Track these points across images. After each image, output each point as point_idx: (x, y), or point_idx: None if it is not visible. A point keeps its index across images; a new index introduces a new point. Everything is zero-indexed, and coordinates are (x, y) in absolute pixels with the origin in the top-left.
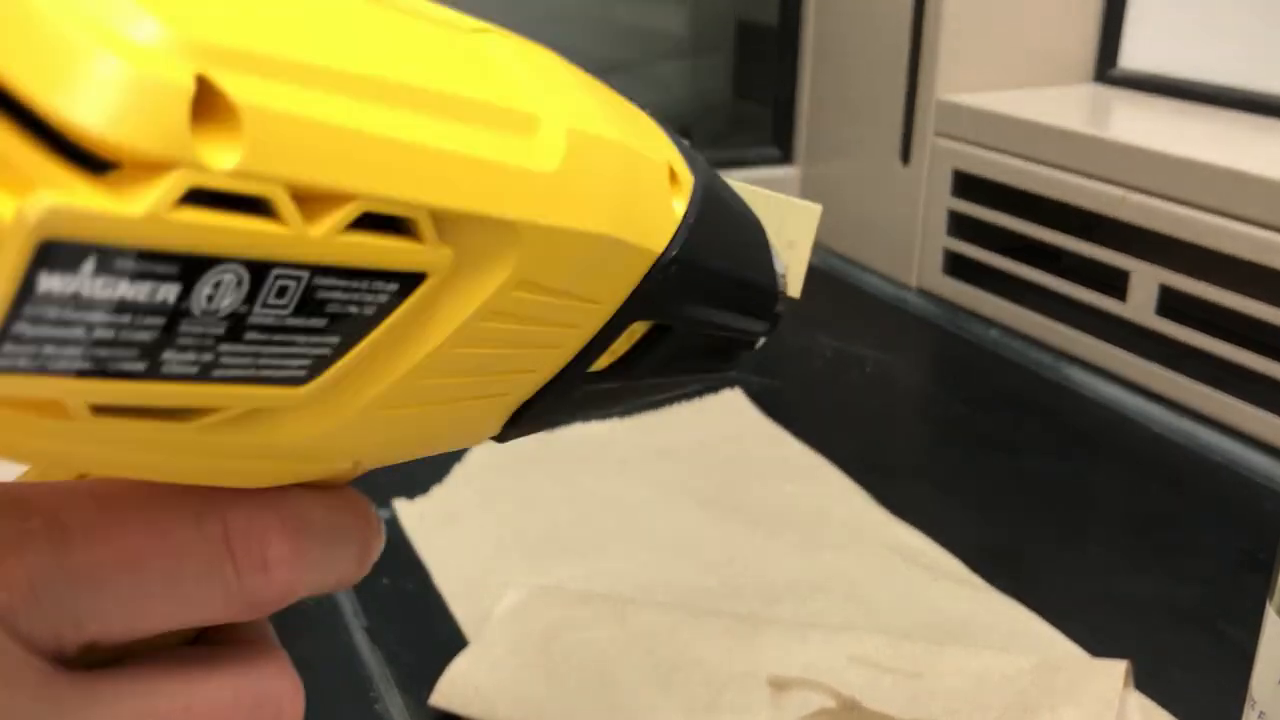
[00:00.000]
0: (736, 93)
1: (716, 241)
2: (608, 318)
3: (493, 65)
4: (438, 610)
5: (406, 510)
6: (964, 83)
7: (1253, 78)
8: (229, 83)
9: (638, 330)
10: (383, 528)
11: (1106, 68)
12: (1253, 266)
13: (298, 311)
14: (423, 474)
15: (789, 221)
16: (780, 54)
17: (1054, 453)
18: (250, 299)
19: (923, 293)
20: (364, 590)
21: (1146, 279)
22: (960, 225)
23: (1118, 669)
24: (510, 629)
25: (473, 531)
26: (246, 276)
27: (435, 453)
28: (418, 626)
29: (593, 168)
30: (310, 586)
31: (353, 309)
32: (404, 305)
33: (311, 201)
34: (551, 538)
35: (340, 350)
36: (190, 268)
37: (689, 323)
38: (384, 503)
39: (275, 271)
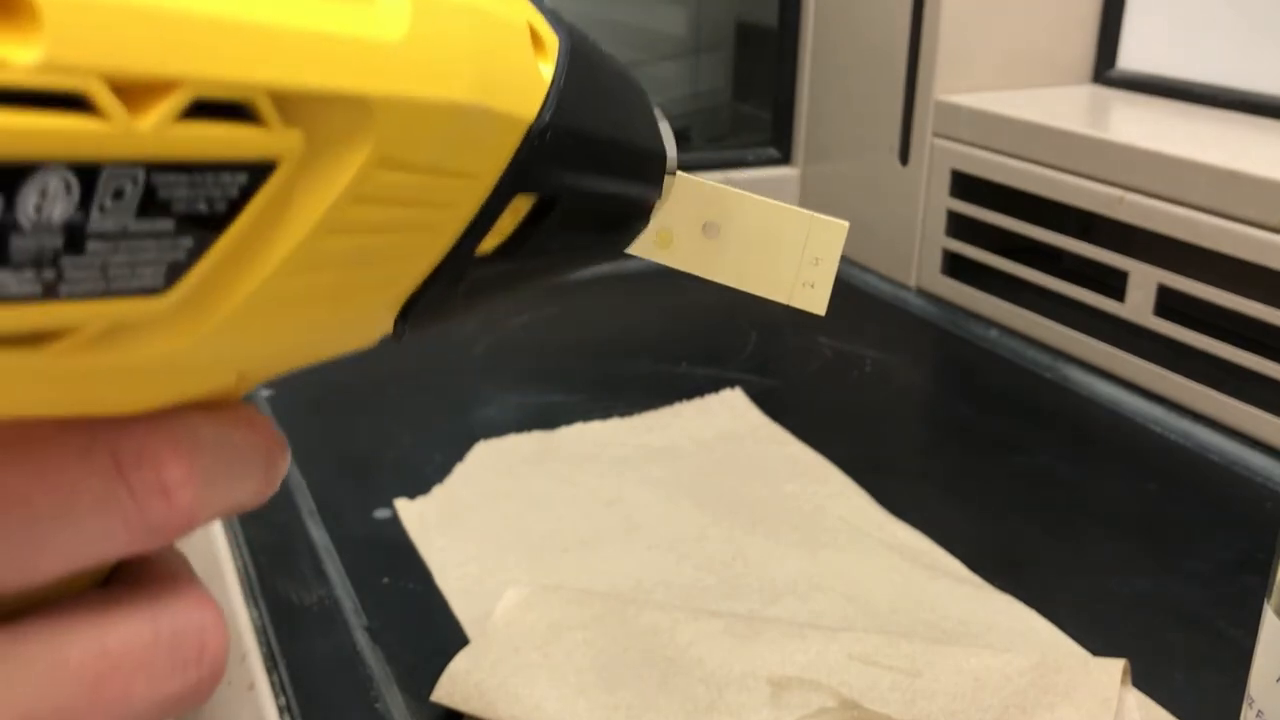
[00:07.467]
0: (736, 93)
1: (592, 104)
2: (486, 194)
3: None
4: (438, 609)
5: (407, 510)
6: (962, 83)
7: (1251, 79)
8: None
9: (522, 207)
10: (286, 444)
11: (1105, 69)
12: (1251, 267)
13: (141, 214)
14: (424, 474)
15: (815, 237)
16: (780, 54)
17: (1053, 453)
18: (84, 205)
19: (922, 293)
20: (364, 590)
21: (1145, 279)
22: (959, 226)
23: (1116, 668)
24: (511, 628)
25: (473, 531)
26: (75, 181)
27: (326, 357)
28: (418, 626)
29: (444, 32)
30: (216, 507)
31: (202, 206)
32: (257, 198)
33: (135, 93)
34: (552, 537)
35: (196, 252)
36: (8, 176)
37: (573, 193)
38: (385, 502)
39: (106, 172)
